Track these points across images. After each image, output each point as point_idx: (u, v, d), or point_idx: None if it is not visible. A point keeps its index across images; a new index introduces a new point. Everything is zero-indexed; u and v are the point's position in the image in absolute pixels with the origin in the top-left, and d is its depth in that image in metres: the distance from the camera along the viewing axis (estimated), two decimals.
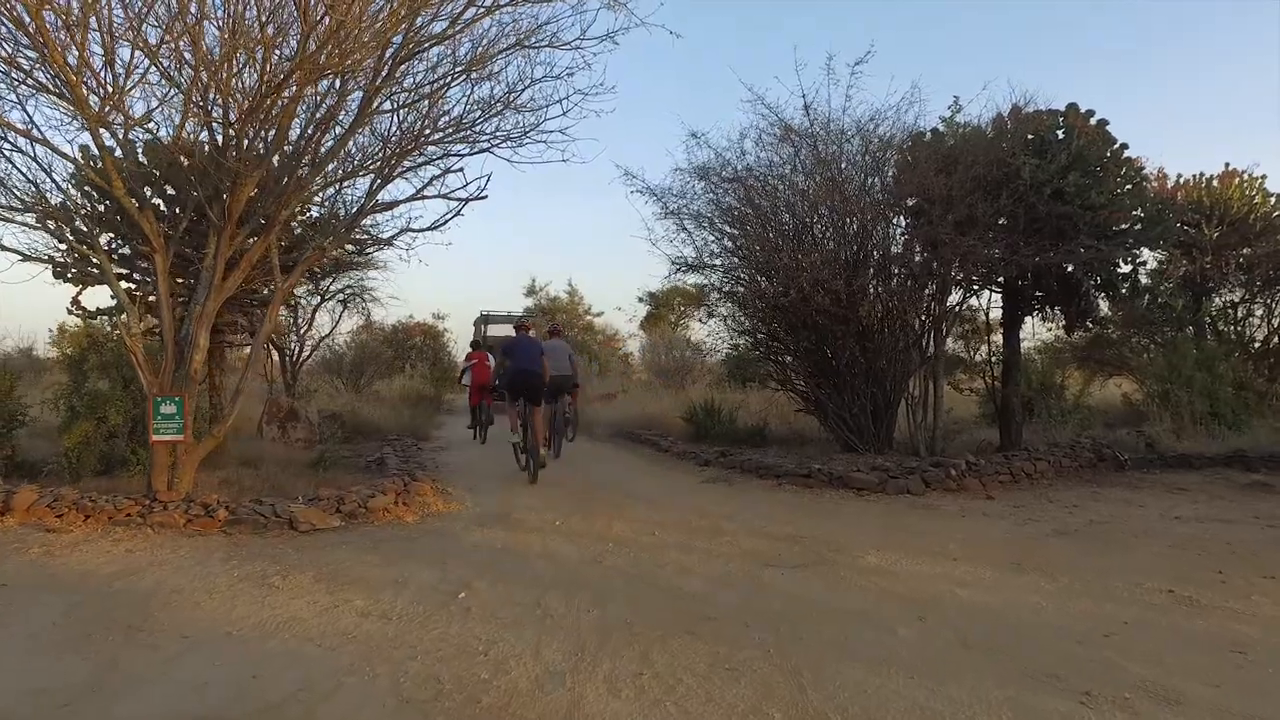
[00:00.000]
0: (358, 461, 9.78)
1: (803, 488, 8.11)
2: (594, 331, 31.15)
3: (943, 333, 9.70)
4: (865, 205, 8.88)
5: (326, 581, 4.94)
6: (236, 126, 5.70)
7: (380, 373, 20.64)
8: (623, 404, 17.43)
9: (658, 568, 5.30)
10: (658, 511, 7.06)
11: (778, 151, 9.53)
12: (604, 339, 32.56)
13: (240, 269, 6.56)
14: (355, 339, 22.47)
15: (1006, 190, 8.58)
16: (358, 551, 5.69)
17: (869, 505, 7.31)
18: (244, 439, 11.04)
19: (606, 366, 28.96)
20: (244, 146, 5.88)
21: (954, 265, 8.93)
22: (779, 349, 10.45)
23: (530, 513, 7.02)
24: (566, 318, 30.19)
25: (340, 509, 6.57)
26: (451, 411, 18.57)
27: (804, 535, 6.12)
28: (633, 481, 8.64)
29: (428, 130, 7.47)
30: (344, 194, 8.01)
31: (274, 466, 8.99)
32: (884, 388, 9.60)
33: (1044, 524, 6.47)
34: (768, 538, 6.06)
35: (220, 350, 9.37)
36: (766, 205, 9.34)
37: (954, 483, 7.84)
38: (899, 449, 9.91)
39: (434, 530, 6.40)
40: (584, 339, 30.50)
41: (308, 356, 16.66)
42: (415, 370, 25.42)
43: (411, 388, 18.54)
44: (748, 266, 9.79)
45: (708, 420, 12.31)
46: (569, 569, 5.28)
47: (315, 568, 5.23)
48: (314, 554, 5.59)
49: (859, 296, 8.88)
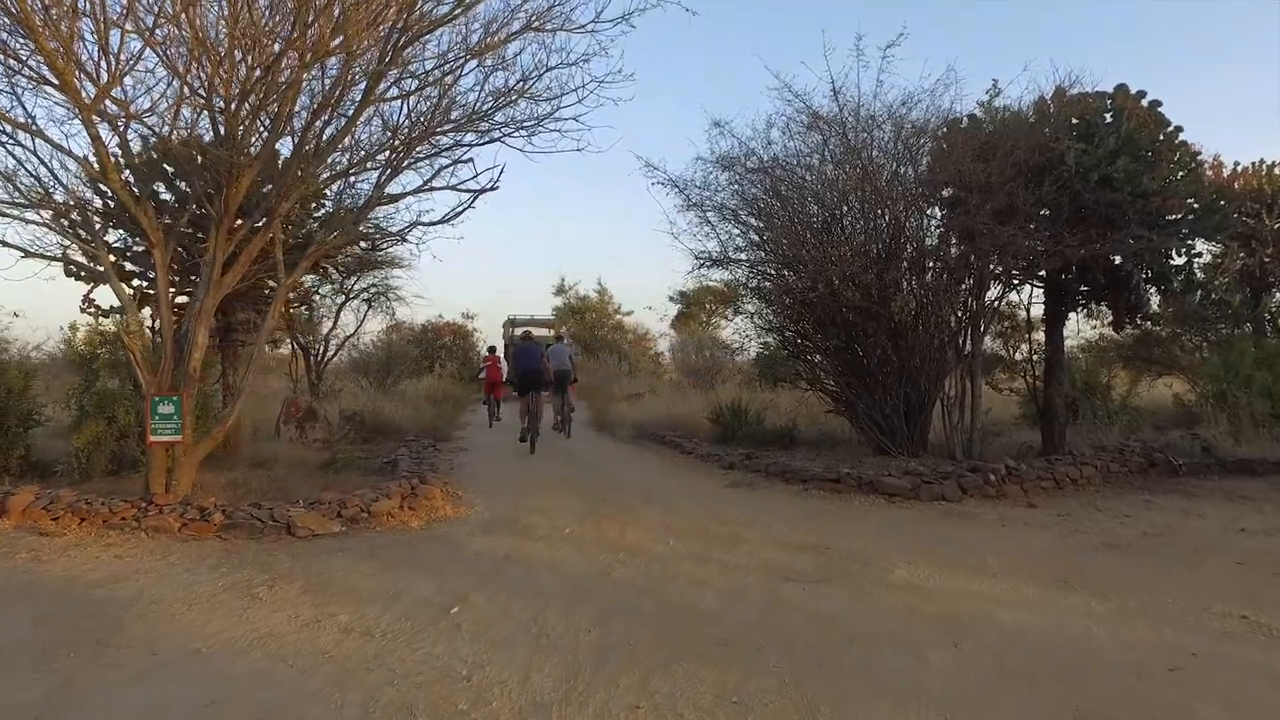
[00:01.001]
0: (372, 463, 9.54)
1: (830, 493, 7.64)
2: (624, 331, 30.84)
3: (980, 330, 9.13)
4: (897, 195, 8.38)
5: (315, 592, 4.64)
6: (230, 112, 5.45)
7: (408, 372, 20.54)
8: (649, 404, 17.05)
9: (669, 580, 4.91)
10: (675, 518, 6.66)
11: (805, 140, 9.08)
12: (635, 338, 32.22)
13: (240, 264, 6.33)
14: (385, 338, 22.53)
15: (1049, 177, 8.01)
16: (354, 559, 5.40)
17: (900, 513, 6.82)
18: (262, 439, 10.92)
19: (636, 366, 28.61)
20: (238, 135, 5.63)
21: (992, 258, 8.38)
22: (807, 347, 9.98)
23: (542, 518, 6.67)
24: (596, 317, 29.96)
25: (341, 514, 6.29)
26: (476, 411, 18.37)
27: (829, 545, 5.67)
28: (651, 485, 8.25)
29: (438, 120, 7.20)
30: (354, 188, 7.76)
31: (285, 468, 8.80)
32: (918, 387, 9.07)
33: (1092, 535, 5.93)
34: (790, 548, 5.62)
35: (234, 349, 9.19)
36: (793, 196, 8.88)
37: (993, 489, 7.31)
38: (934, 452, 9.37)
39: (438, 536, 6.09)
40: (613, 339, 30.24)
41: (332, 356, 16.60)
42: (444, 370, 25.37)
43: (438, 387, 18.37)
44: (774, 261, 9.34)
45: (734, 421, 11.87)
46: (574, 581, 4.91)
47: (306, 576, 4.95)
48: (308, 561, 5.31)
49: (891, 291, 8.38)
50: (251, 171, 6.02)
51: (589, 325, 29.53)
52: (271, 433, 11.35)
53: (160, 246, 6.15)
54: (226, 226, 6.11)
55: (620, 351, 28.70)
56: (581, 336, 29.48)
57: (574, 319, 29.73)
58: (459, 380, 23.32)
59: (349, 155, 7.07)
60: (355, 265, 15.71)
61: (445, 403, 15.98)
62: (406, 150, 7.30)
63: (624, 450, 11.48)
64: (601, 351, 27.64)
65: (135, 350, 6.14)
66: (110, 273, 6.19)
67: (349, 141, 7.10)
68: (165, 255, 6.23)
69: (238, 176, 5.98)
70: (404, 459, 9.12)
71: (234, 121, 5.54)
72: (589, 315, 29.84)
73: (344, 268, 15.83)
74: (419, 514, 6.71)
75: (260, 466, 9.04)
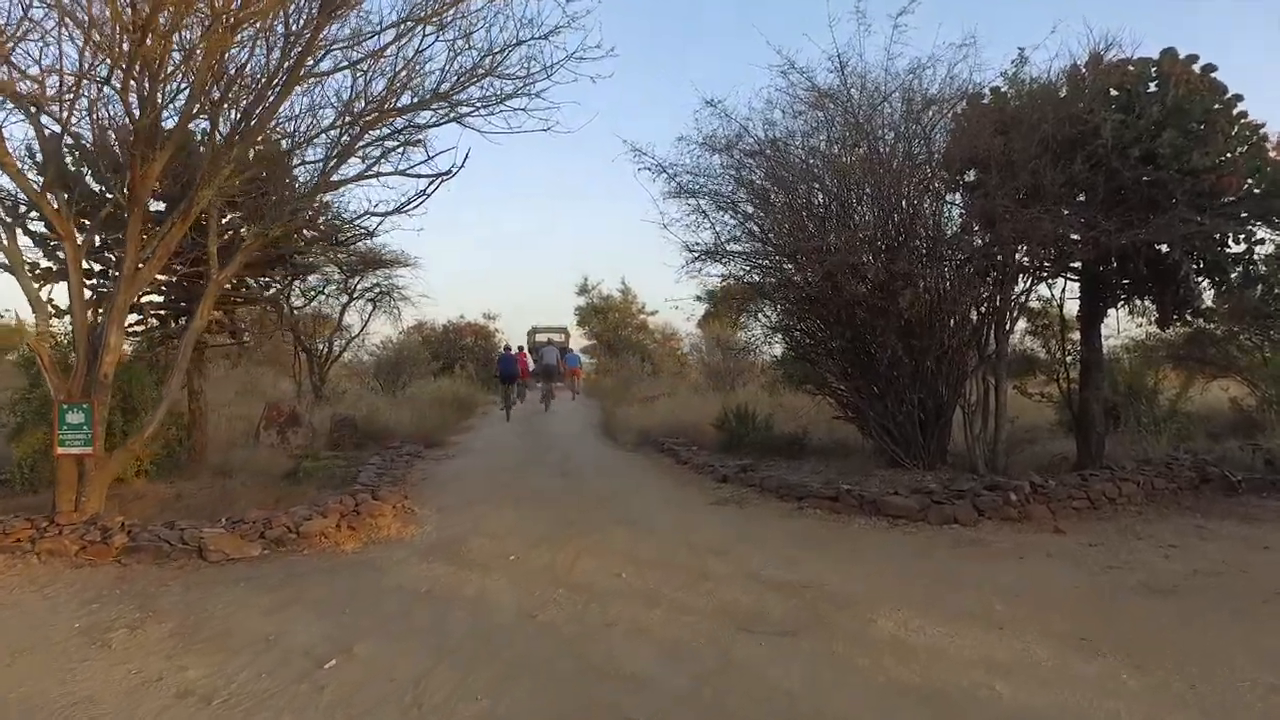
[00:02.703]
0: (348, 472, 8.87)
1: (828, 513, 6.69)
2: (649, 331, 29.90)
3: (1006, 328, 8.07)
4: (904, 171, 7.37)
5: (181, 637, 3.92)
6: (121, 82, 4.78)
7: (420, 373, 20.01)
8: (662, 407, 16.15)
9: (603, 629, 4.07)
10: (642, 542, 5.80)
11: (807, 119, 8.13)
12: (661, 338, 31.28)
13: (157, 258, 5.67)
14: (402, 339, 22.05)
15: (1081, 154, 6.93)
16: (255, 591, 4.67)
17: (903, 539, 5.85)
18: (241, 445, 10.37)
19: (660, 367, 27.66)
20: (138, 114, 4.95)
21: (1016, 246, 7.33)
22: (813, 347, 9.00)
23: (491, 541, 5.88)
24: (619, 317, 29.08)
25: (265, 534, 5.59)
26: (487, 414, 17.72)
27: (807, 582, 4.75)
28: (631, 501, 7.40)
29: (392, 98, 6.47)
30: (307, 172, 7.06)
31: (247, 477, 8.19)
32: (935, 392, 8.05)
33: (1129, 573, 4.90)
34: (760, 585, 4.72)
35: (199, 354, 8.61)
36: (794, 180, 7.94)
37: (1014, 510, 6.28)
38: (954, 464, 8.34)
39: (366, 563, 5.34)
40: (638, 339, 29.33)
41: (336, 357, 16.11)
42: (464, 370, 24.81)
43: (449, 390, 17.76)
44: (773, 252, 8.40)
45: (740, 428, 10.92)
46: (490, 626, 4.11)
47: (184, 615, 4.24)
48: (200, 594, 4.61)
49: (900, 285, 7.38)
50: (164, 155, 5.35)
51: (612, 325, 28.66)
52: (252, 439, 10.78)
53: (71, 239, 5.53)
54: (139, 216, 5.44)
55: (644, 352, 27.76)
56: (604, 337, 28.67)
57: (597, 319, 28.91)
58: (475, 381, 22.73)
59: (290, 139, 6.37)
60: (358, 264, 15.24)
61: (450, 406, 15.33)
62: (361, 132, 6.60)
63: (620, 458, 10.65)
64: (624, 352, 26.71)
65: (44, 353, 5.54)
66: (18, 267, 5.59)
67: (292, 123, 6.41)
68: (78, 249, 5.61)
69: (149, 161, 5.32)
70: (369, 469, 8.42)
71: (124, 96, 4.88)
72: (612, 315, 28.96)
73: (347, 267, 15.39)
74: (358, 534, 5.98)
75: (224, 476, 8.47)
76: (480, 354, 27.21)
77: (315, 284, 15.65)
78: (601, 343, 28.83)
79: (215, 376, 18.66)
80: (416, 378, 19.62)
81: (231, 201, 6.48)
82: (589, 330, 29.18)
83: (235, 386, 17.29)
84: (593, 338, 29.32)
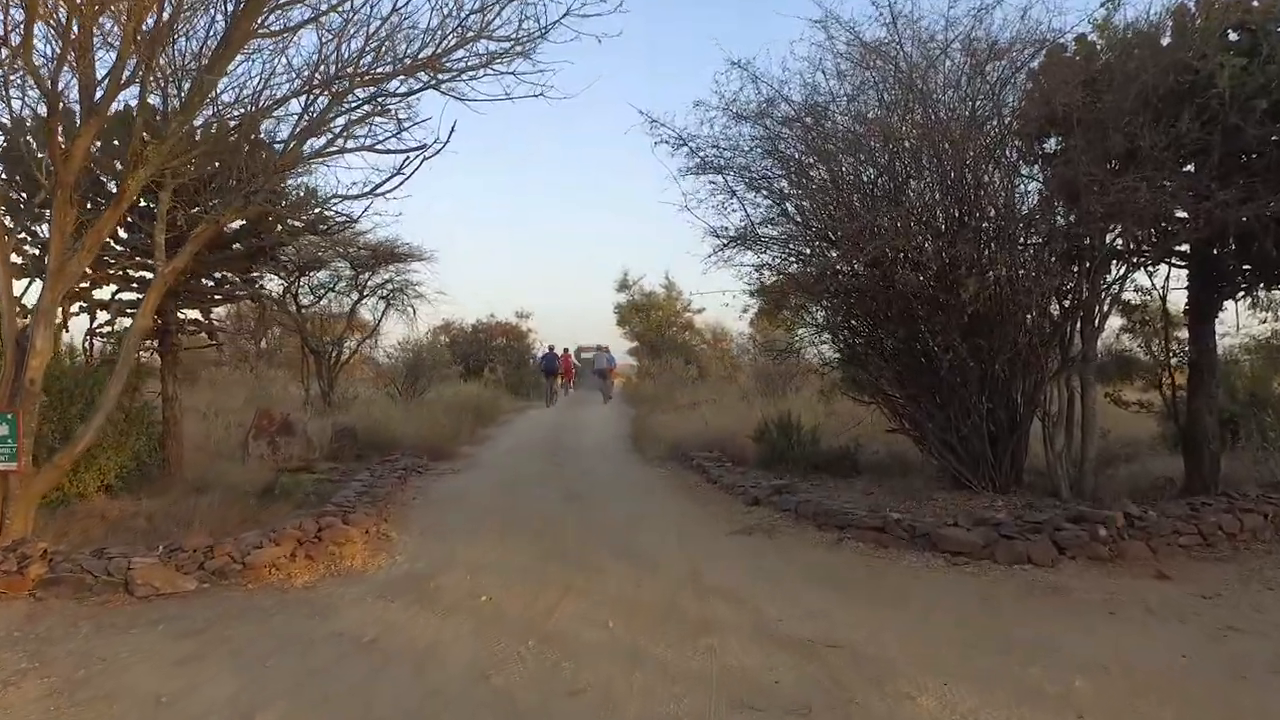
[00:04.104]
0: (334, 488, 8.49)
1: (873, 546, 5.97)
2: (695, 331, 29.19)
3: (1094, 324, 7.20)
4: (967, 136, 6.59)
5: (61, 695, 3.53)
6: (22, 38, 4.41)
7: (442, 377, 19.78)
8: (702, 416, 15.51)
9: (567, 698, 3.50)
10: (642, 582, 5.21)
11: (851, 81, 7.41)
12: (711, 339, 30.53)
13: (87, 249, 5.33)
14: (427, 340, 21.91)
15: (1189, 108, 6.04)
16: (170, 636, 4.26)
17: (961, 583, 5.11)
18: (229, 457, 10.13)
19: (707, 371, 26.93)
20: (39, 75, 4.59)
21: (1107, 225, 6.49)
22: (863, 348, 8.27)
23: (467, 576, 5.37)
24: (663, 315, 28.42)
25: (205, 565, 5.19)
26: (509, 422, 17.36)
27: (834, 639, 4.09)
28: (641, 529, 6.80)
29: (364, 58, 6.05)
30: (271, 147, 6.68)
31: (220, 494, 7.86)
32: (1007, 401, 7.26)
33: (1259, 638, 4.08)
34: (775, 644, 4.07)
35: (172, 356, 8.36)
36: (833, 148, 7.24)
37: (1105, 547, 5.46)
38: (1031, 487, 7.51)
39: (313, 601, 4.89)
40: (683, 339, 28.65)
41: (347, 359, 15.95)
42: (493, 374, 24.59)
43: (468, 395, 17.45)
44: (814, 236, 7.71)
45: (782, 441, 10.20)
46: (431, 691, 3.58)
47: (77, 666, 3.84)
48: (107, 638, 4.22)
49: (963, 272, 6.60)
50: (90, 130, 5.01)
51: (655, 325, 28.02)
52: (243, 449, 10.54)
53: None
54: (65, 201, 5.11)
55: (689, 353, 27.02)
56: (646, 337, 28.07)
57: (638, 317, 28.31)
58: (504, 386, 22.44)
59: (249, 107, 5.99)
60: (369, 259, 15.04)
61: (467, 414, 14.97)
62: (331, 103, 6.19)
63: (642, 475, 10.06)
64: (667, 353, 26.05)
65: None
66: None
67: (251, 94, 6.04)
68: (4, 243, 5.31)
69: (75, 136, 4.99)
70: (354, 486, 8.02)
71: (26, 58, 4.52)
72: (654, 314, 28.32)
73: (357, 261, 15.21)
74: (315, 565, 5.55)
75: (199, 492, 8.20)
76: (513, 356, 26.97)
77: (325, 280, 15.59)
78: (643, 344, 28.24)
79: (221, 381, 18.99)
80: (439, 381, 19.41)
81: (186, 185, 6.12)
82: (629, 330, 28.63)
83: (245, 392, 17.40)
84: (633, 338, 28.77)
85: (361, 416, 13.36)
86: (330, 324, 15.78)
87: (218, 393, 17.67)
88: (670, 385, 22.31)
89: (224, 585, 5.15)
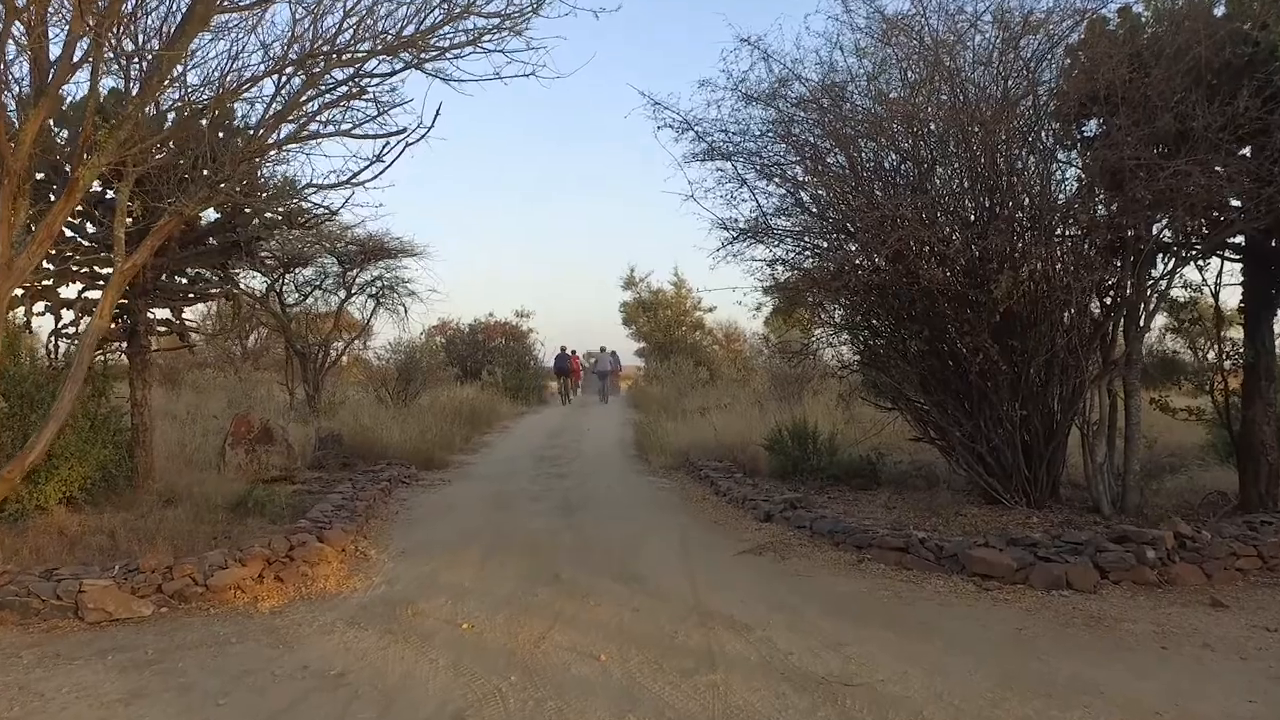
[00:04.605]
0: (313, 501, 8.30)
1: (894, 568, 5.72)
2: (705, 331, 28.95)
3: (1139, 324, 6.93)
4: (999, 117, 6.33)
5: None
6: None
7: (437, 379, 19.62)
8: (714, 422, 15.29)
9: None
10: (639, 608, 4.98)
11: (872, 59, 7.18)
12: (724, 339, 30.27)
13: (38, 243, 5.15)
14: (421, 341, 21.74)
15: (1247, 84, 5.77)
16: (115, 669, 4.06)
17: (993, 612, 4.85)
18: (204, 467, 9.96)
19: (719, 373, 26.67)
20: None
21: (1154, 214, 6.23)
22: (884, 350, 8.02)
23: (449, 600, 5.16)
24: (671, 314, 28.19)
25: (163, 587, 5.01)
26: (508, 429, 17.18)
27: (851, 677, 3.85)
28: (641, 548, 6.57)
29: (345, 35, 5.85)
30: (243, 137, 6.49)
31: (192, 507, 7.70)
32: (1043, 408, 7.00)
33: None
34: (785, 680, 3.84)
35: (143, 358, 8.19)
36: (851, 132, 7.00)
37: (1152, 571, 5.19)
38: (1069, 502, 7.27)
39: (278, 628, 4.68)
40: (693, 339, 28.40)
41: (334, 361, 15.80)
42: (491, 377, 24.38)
43: (464, 398, 17.26)
44: (830, 228, 7.47)
45: (798, 450, 9.96)
46: None
47: (6, 704, 3.66)
48: (46, 671, 4.03)
49: (994, 266, 6.34)
50: (38, 114, 4.83)
51: (663, 324, 27.77)
52: (220, 458, 10.38)
53: None
54: (12, 190, 4.92)
55: (699, 355, 26.75)
56: (653, 338, 27.83)
57: (645, 316, 28.07)
58: (504, 390, 22.23)
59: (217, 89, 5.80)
60: (356, 254, 14.89)
61: (463, 420, 14.79)
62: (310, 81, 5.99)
63: (645, 489, 9.83)
64: (676, 356, 25.77)
65: None
66: None
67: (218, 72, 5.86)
68: None
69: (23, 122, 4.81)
70: (333, 498, 7.83)
71: None
72: (662, 312, 28.09)
73: (346, 257, 15.05)
74: (284, 587, 5.36)
75: (169, 504, 8.03)
76: (513, 357, 26.75)
77: (311, 277, 15.44)
78: (650, 344, 28.01)
79: (205, 385, 18.90)
80: (434, 384, 19.23)
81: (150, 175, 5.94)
82: (635, 330, 28.41)
83: (229, 395, 17.28)
84: (640, 338, 28.55)
85: (349, 422, 13.19)
86: (318, 323, 15.62)
87: (200, 396, 17.61)
88: (679, 389, 22.08)
89: (183, 610, 4.97)
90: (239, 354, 22.13)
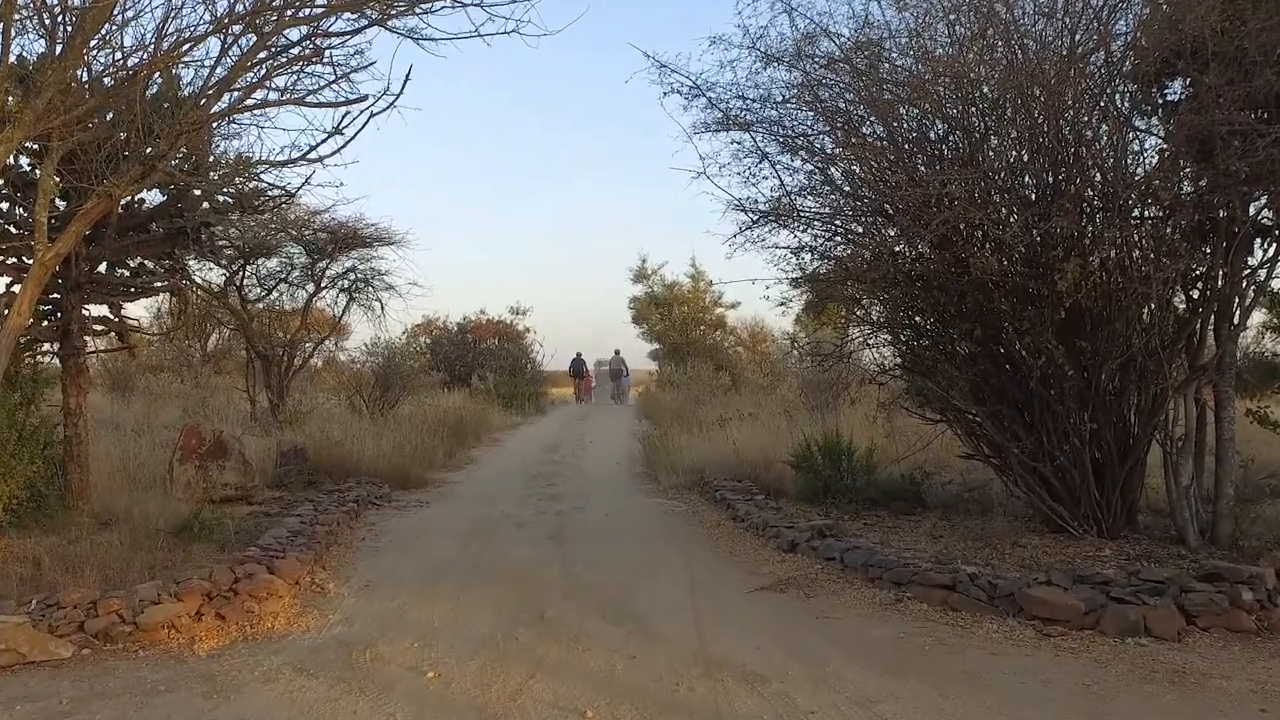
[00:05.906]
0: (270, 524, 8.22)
1: (939, 609, 5.55)
2: (726, 330, 28.76)
3: (1233, 322, 6.72)
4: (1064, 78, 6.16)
5: None
6: None
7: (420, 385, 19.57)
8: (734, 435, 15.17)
9: None
10: (634, 655, 4.83)
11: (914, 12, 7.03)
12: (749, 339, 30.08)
13: None
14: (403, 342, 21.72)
15: None
16: None
17: (1056, 664, 4.65)
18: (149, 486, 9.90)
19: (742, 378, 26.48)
20: None
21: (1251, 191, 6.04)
22: (928, 352, 7.85)
23: (415, 644, 5.03)
24: (688, 310, 28.03)
25: (85, 626, 4.93)
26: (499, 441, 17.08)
27: None
28: (642, 583, 6.42)
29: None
30: None
31: (131, 531, 7.62)
32: (1117, 420, 6.83)
33: None
34: None
35: (77, 361, 8.13)
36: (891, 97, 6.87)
37: (1250, 616, 4.99)
38: (1148, 532, 7.07)
39: (214, 675, 4.56)
40: (712, 340, 28.22)
41: (300, 366, 15.77)
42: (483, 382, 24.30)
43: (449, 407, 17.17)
44: (865, 209, 7.32)
45: (829, 468, 9.79)
46: None
47: None
48: None
49: (1059, 254, 6.17)
50: None
51: (678, 322, 27.58)
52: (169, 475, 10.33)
53: None
54: None
55: (719, 358, 26.54)
56: (668, 337, 27.68)
57: (658, 314, 27.94)
58: (497, 397, 22.14)
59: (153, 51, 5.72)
60: (327, 243, 14.86)
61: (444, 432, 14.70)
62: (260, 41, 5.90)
63: (652, 510, 9.70)
64: (693, 358, 25.52)
65: None
66: None
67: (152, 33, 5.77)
68: None
69: None
70: (290, 521, 7.75)
71: None
72: (677, 309, 27.92)
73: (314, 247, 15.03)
74: (227, 626, 5.28)
75: (105, 528, 7.97)
76: (507, 360, 26.66)
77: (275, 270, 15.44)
78: (665, 345, 27.86)
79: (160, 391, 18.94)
80: (417, 391, 19.18)
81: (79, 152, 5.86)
82: (647, 329, 28.27)
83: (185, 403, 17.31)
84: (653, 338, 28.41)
85: (316, 434, 13.15)
86: (284, 321, 15.62)
87: (153, 404, 17.65)
88: (696, 396, 21.93)
89: (108, 652, 4.89)
90: (198, 357, 22.19)
